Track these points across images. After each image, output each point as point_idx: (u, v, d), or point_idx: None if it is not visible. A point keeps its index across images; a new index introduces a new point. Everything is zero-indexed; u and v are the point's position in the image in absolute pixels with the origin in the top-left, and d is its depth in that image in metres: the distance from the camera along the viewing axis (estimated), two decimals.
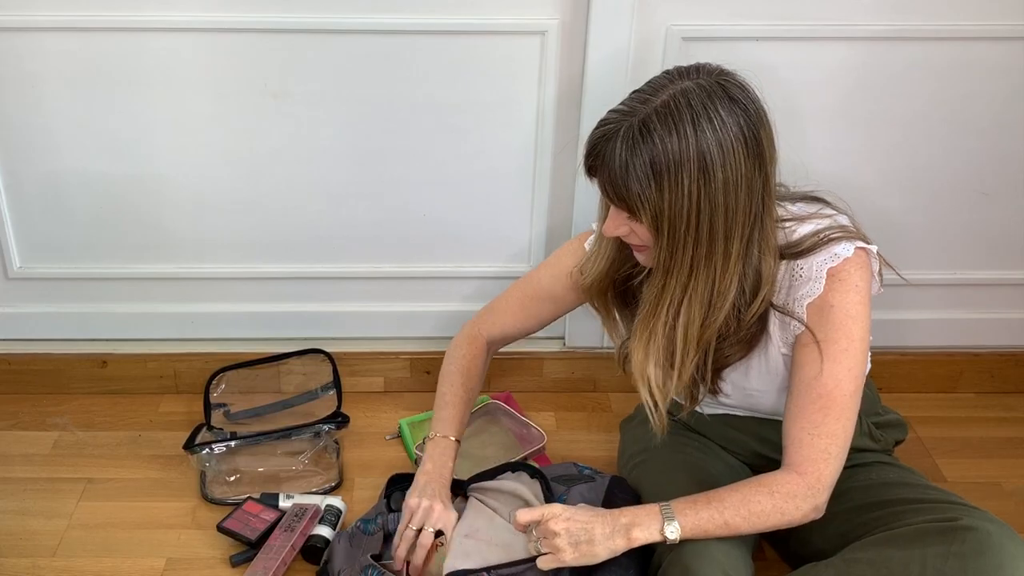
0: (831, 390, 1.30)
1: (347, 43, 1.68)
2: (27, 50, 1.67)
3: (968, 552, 1.22)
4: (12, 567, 1.59)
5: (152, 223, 1.84)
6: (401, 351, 1.98)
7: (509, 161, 1.80)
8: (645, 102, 1.23)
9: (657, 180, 1.21)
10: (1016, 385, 2.03)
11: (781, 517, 1.31)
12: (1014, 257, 1.92)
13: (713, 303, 1.29)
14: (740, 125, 1.22)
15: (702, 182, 1.21)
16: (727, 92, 1.22)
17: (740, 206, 1.24)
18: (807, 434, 1.31)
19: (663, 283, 1.30)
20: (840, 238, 1.32)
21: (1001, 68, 1.72)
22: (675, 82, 1.23)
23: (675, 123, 1.20)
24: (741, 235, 1.26)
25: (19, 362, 1.95)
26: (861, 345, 1.31)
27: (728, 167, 1.21)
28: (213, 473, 1.77)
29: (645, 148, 1.20)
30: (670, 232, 1.25)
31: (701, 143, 1.20)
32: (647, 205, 1.23)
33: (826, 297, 1.30)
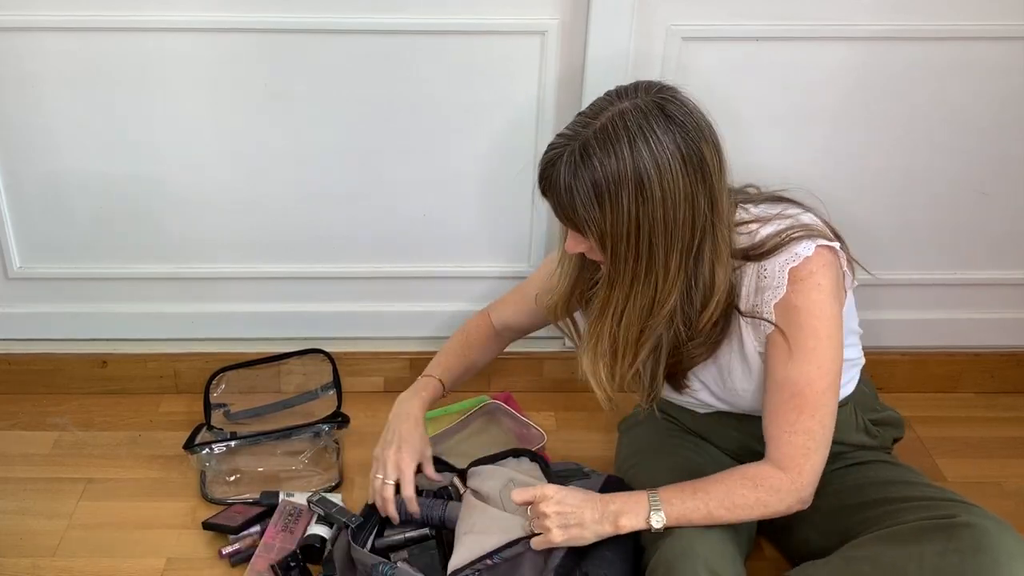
0: (803, 389, 1.33)
1: (347, 43, 1.68)
2: (27, 50, 1.67)
3: (966, 548, 1.23)
4: (12, 567, 1.59)
5: (152, 223, 1.84)
6: (401, 351, 1.98)
7: (509, 161, 1.80)
8: (586, 126, 1.26)
9: (599, 201, 1.25)
10: (1016, 385, 2.03)
11: (765, 509, 1.35)
12: (1014, 257, 1.92)
13: (653, 311, 1.33)
14: (677, 143, 1.24)
15: (640, 200, 1.24)
16: (663, 111, 1.25)
17: (681, 221, 1.26)
18: (784, 432, 1.34)
19: (608, 293, 1.35)
20: (801, 237, 1.33)
21: (1001, 68, 1.72)
22: (614, 104, 1.26)
23: (612, 145, 1.23)
24: (683, 248, 1.29)
25: (19, 362, 1.95)
26: (829, 342, 1.33)
27: (666, 184, 1.24)
28: (213, 473, 1.77)
29: (586, 172, 1.24)
30: (613, 248, 1.29)
31: (637, 163, 1.23)
32: (592, 225, 1.27)
33: (789, 298, 1.32)
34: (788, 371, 1.33)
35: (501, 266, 1.91)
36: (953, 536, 1.25)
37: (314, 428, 1.82)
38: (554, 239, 1.86)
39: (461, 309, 1.95)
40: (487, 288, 1.93)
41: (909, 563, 1.25)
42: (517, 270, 1.92)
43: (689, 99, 1.28)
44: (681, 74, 1.68)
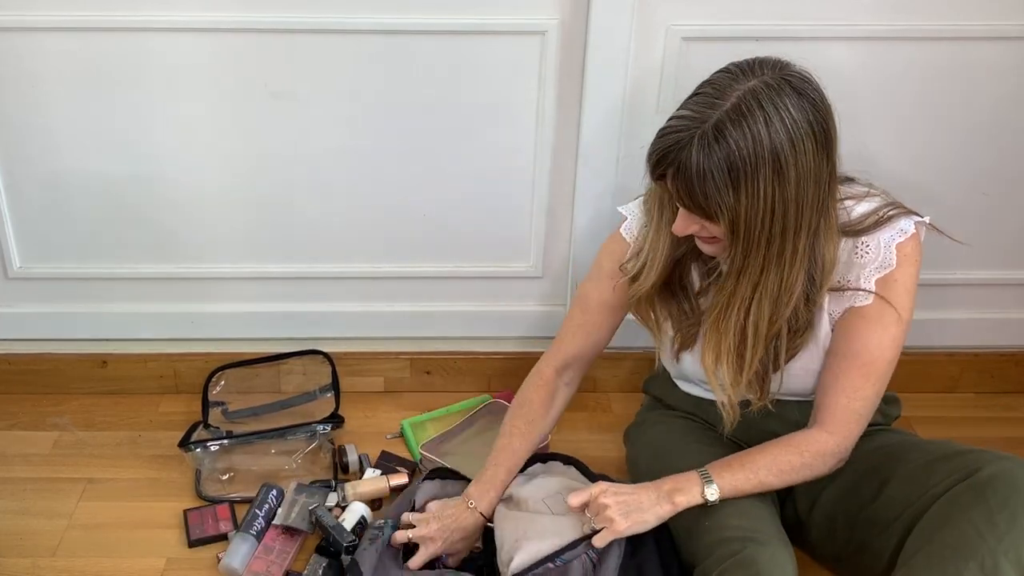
0: (876, 358, 1.37)
1: (347, 43, 1.68)
2: (27, 50, 1.67)
3: (1004, 499, 1.26)
4: (12, 567, 1.59)
5: (152, 223, 1.84)
6: (401, 351, 1.98)
7: (509, 161, 1.80)
8: (713, 106, 1.22)
9: (735, 184, 1.22)
10: (1016, 385, 2.03)
11: (810, 472, 1.40)
12: (1014, 257, 1.92)
13: (781, 298, 1.32)
14: (808, 118, 1.22)
15: (776, 182, 1.22)
16: (793, 86, 1.22)
17: (810, 199, 1.25)
18: (846, 398, 1.38)
19: (735, 285, 1.32)
20: (899, 215, 1.37)
21: (1001, 68, 1.72)
22: (739, 81, 1.23)
23: (748, 125, 1.20)
24: (809, 227, 1.28)
25: (19, 362, 1.95)
26: (908, 316, 1.38)
27: (800, 163, 1.22)
28: (208, 471, 1.77)
29: (721, 153, 1.20)
30: (746, 234, 1.26)
31: (775, 142, 1.20)
32: (725, 209, 1.24)
33: (894, 273, 1.35)
34: (868, 341, 1.36)
35: (501, 266, 1.91)
36: (988, 492, 1.27)
37: (309, 428, 1.82)
38: (554, 239, 1.87)
39: (461, 309, 1.95)
40: (487, 288, 1.93)
41: (971, 535, 1.26)
42: (517, 270, 1.92)
43: (808, 73, 1.26)
44: (681, 74, 1.68)
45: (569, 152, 1.78)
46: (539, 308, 1.97)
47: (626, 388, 1.98)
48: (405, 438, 1.87)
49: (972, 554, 1.25)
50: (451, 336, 1.98)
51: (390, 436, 1.89)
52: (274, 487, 1.67)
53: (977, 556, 1.25)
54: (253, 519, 1.61)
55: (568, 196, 1.82)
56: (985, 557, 1.24)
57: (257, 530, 1.60)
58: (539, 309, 1.97)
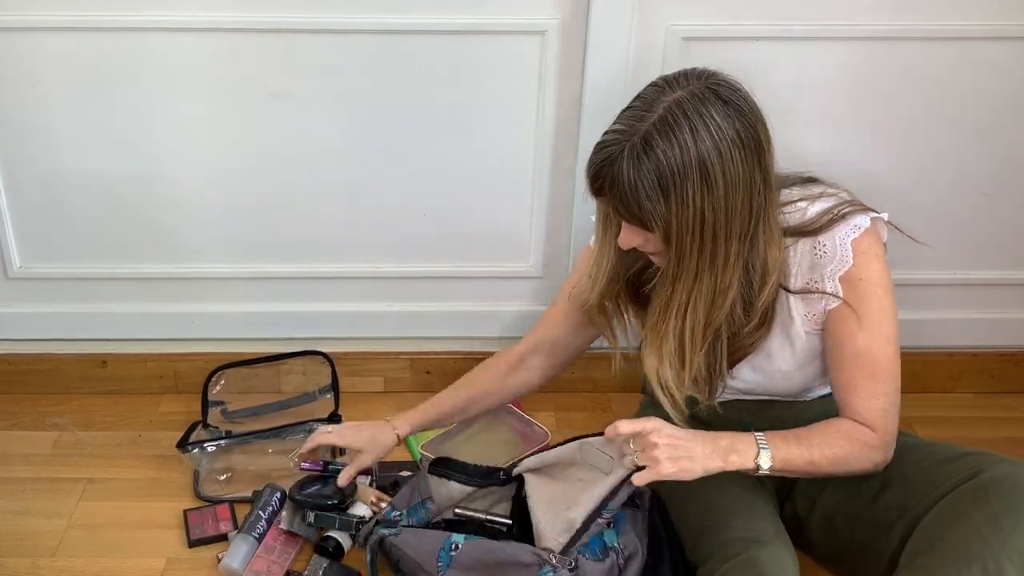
0: (876, 357, 1.37)
1: (347, 43, 1.68)
2: (27, 50, 1.67)
3: (1009, 502, 1.25)
4: (12, 567, 1.59)
5: (152, 223, 1.84)
6: (401, 351, 1.98)
7: (509, 161, 1.80)
8: (641, 119, 1.25)
9: (664, 194, 1.24)
10: (1016, 385, 2.03)
11: (857, 464, 1.38)
12: (1014, 257, 1.92)
13: (715, 302, 1.33)
14: (735, 127, 1.24)
15: (705, 190, 1.24)
16: (719, 95, 1.24)
17: (740, 206, 1.27)
18: (863, 400, 1.38)
19: (671, 290, 1.34)
20: (854, 211, 1.37)
21: (1001, 68, 1.72)
22: (666, 93, 1.25)
23: (674, 135, 1.22)
24: (742, 233, 1.29)
25: (19, 362, 1.95)
26: (891, 309, 1.38)
27: (727, 170, 1.24)
28: (206, 472, 1.77)
29: (650, 164, 1.23)
30: (678, 241, 1.28)
31: (701, 151, 1.22)
32: (658, 219, 1.26)
33: (854, 271, 1.35)
34: (858, 342, 1.36)
35: (501, 266, 1.91)
36: (991, 495, 1.27)
37: (306, 427, 1.82)
38: (554, 239, 1.87)
39: (461, 309, 1.95)
40: (487, 288, 1.93)
41: (974, 537, 1.25)
42: (517, 270, 1.92)
43: (736, 81, 1.28)
44: None
45: (569, 152, 1.78)
46: (539, 308, 1.96)
47: (626, 388, 1.98)
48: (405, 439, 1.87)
49: (975, 557, 1.24)
50: (451, 336, 1.98)
51: None
52: (278, 489, 1.67)
53: (980, 559, 1.24)
54: (256, 521, 1.61)
55: (568, 196, 1.82)
56: (988, 560, 1.24)
57: (259, 532, 1.60)
58: (539, 309, 1.96)
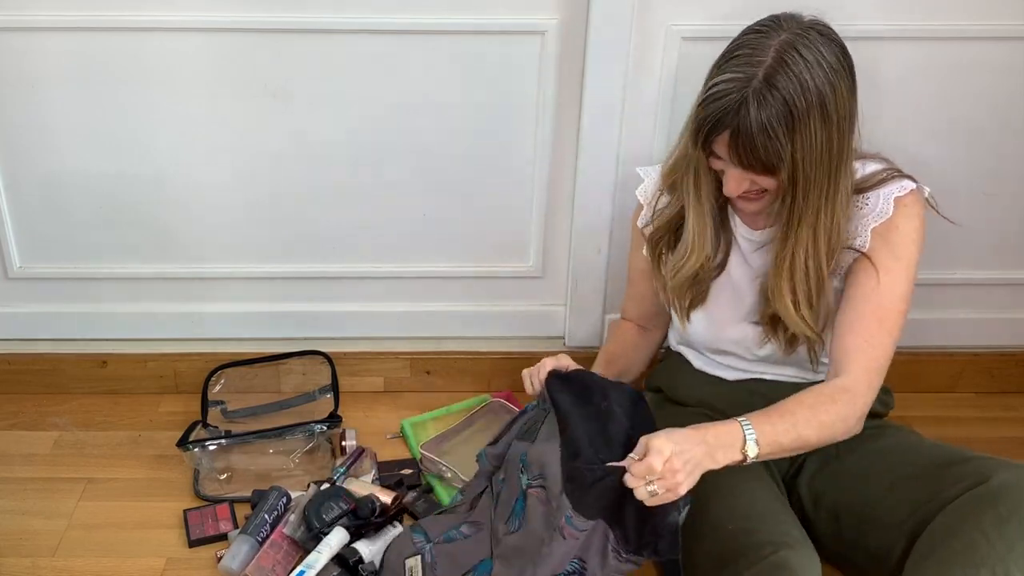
0: (887, 303, 1.39)
1: (347, 43, 1.68)
2: (27, 50, 1.67)
3: (1014, 508, 1.26)
4: (12, 567, 1.59)
5: (152, 223, 1.84)
6: (401, 351, 1.98)
7: (509, 161, 1.80)
8: (756, 64, 1.27)
9: (791, 132, 1.27)
10: (1016, 385, 2.03)
11: (843, 425, 1.36)
12: (1014, 257, 1.92)
13: (833, 234, 1.38)
14: (839, 60, 1.29)
15: (823, 124, 1.28)
16: (819, 32, 1.30)
17: (848, 135, 1.32)
18: (863, 343, 1.39)
19: (796, 235, 1.37)
20: (902, 176, 1.43)
21: (1001, 68, 1.72)
22: (771, 37, 1.29)
23: (794, 73, 1.26)
24: (848, 165, 1.35)
25: (19, 362, 1.95)
26: (911, 270, 1.41)
27: (839, 103, 1.29)
28: (206, 471, 1.77)
29: (776, 104, 1.26)
30: (804, 179, 1.31)
31: (819, 86, 1.27)
32: (785, 159, 1.29)
33: (893, 220, 1.39)
34: (876, 284, 1.39)
35: (501, 266, 1.91)
36: (998, 501, 1.27)
37: (307, 427, 1.82)
38: (554, 239, 1.87)
39: (461, 309, 1.95)
40: (487, 288, 1.93)
41: (981, 543, 1.25)
42: (517, 270, 1.92)
43: (822, 19, 1.33)
44: (681, 74, 1.68)
45: (569, 152, 1.78)
46: (539, 308, 1.97)
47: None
48: (405, 438, 1.87)
49: (982, 562, 1.25)
50: (451, 336, 1.98)
51: (390, 436, 1.89)
52: (285, 493, 1.67)
53: (988, 564, 1.24)
54: (261, 524, 1.60)
55: (568, 196, 1.82)
56: (996, 565, 1.24)
57: (262, 536, 1.59)
58: (539, 309, 1.97)
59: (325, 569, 1.53)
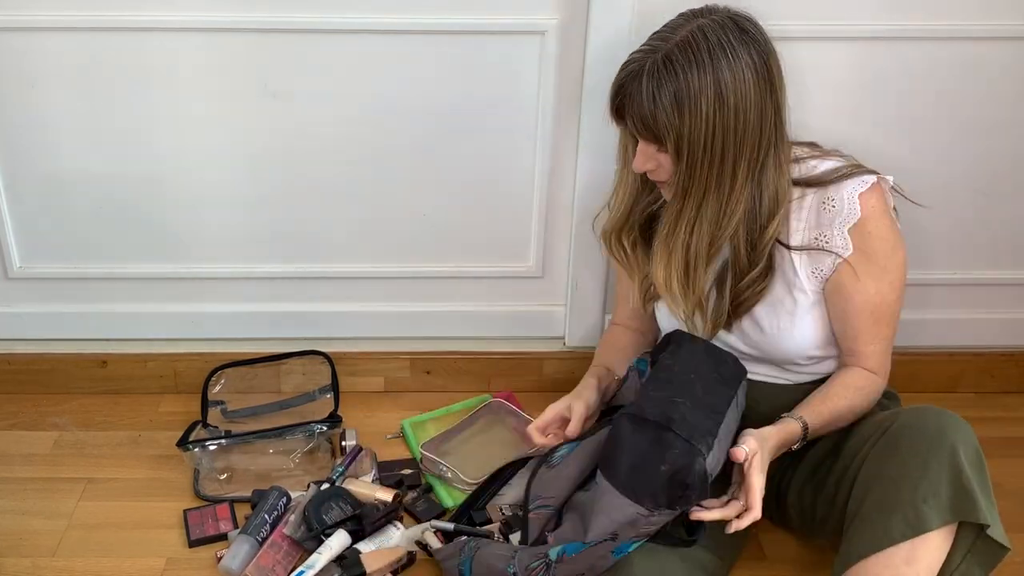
0: (880, 305, 1.46)
1: (347, 43, 1.68)
2: (27, 50, 1.67)
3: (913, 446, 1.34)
4: (12, 567, 1.59)
5: (152, 223, 1.84)
6: (401, 351, 1.98)
7: (509, 161, 1.80)
8: (666, 40, 1.35)
9: (679, 108, 1.33)
10: (1016, 385, 2.03)
11: (867, 406, 1.50)
12: (1014, 257, 1.92)
13: (720, 221, 1.41)
14: (751, 55, 1.34)
15: (717, 106, 1.33)
16: (739, 25, 1.35)
17: (750, 129, 1.36)
18: (870, 344, 1.48)
19: (680, 205, 1.42)
20: (862, 171, 1.45)
21: (1001, 68, 1.72)
22: (691, 21, 1.36)
23: (693, 55, 1.32)
24: (751, 157, 1.38)
25: (19, 362, 1.95)
26: (897, 260, 1.46)
27: (739, 91, 1.33)
28: (206, 471, 1.77)
29: (669, 80, 1.33)
30: (689, 155, 1.36)
31: (716, 72, 1.32)
32: (671, 132, 1.35)
33: (863, 223, 1.42)
34: (867, 292, 1.44)
35: (501, 266, 1.91)
36: (900, 443, 1.35)
37: (307, 428, 1.82)
38: (553, 239, 1.87)
39: (461, 309, 1.95)
40: (487, 288, 1.93)
41: (890, 490, 1.32)
42: (517, 270, 1.92)
43: (757, 19, 1.38)
44: None
45: (569, 152, 1.78)
46: (539, 308, 1.97)
47: None
48: (405, 438, 1.87)
49: (895, 508, 1.29)
50: (451, 336, 1.98)
51: (390, 436, 1.89)
52: (285, 493, 1.67)
53: (900, 509, 1.29)
54: (261, 524, 1.60)
55: (568, 196, 1.82)
56: (907, 508, 1.28)
57: (262, 536, 1.59)
58: (539, 309, 1.97)
59: (325, 570, 1.53)
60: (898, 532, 1.28)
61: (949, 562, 1.30)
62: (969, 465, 1.29)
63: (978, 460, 1.31)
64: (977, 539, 1.30)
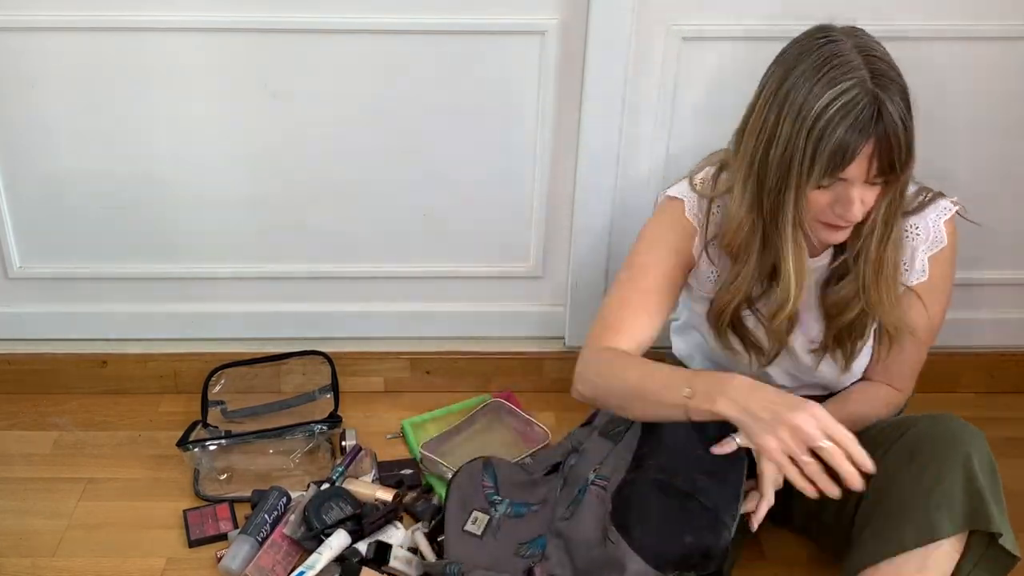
0: (935, 327, 1.47)
1: (347, 43, 1.68)
2: (27, 50, 1.67)
3: (927, 454, 1.33)
4: (12, 567, 1.59)
5: (152, 223, 1.84)
6: (401, 351, 1.98)
7: (509, 161, 1.80)
8: (852, 68, 1.21)
9: (911, 118, 1.24)
10: (1016, 385, 2.03)
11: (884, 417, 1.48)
12: (1014, 257, 1.92)
13: (900, 241, 1.38)
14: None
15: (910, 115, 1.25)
16: (862, 29, 1.29)
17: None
18: (908, 364, 1.48)
19: (890, 231, 1.34)
20: (938, 195, 1.42)
21: (1001, 68, 1.72)
22: (842, 43, 1.24)
23: (887, 63, 1.24)
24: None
25: (19, 362, 1.95)
26: (951, 285, 1.46)
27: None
28: (206, 471, 1.77)
29: (898, 93, 1.22)
30: (908, 175, 1.29)
31: (899, 73, 1.25)
32: (913, 153, 1.26)
33: (946, 251, 1.41)
34: (927, 316, 1.43)
35: (501, 266, 1.91)
36: (913, 452, 1.33)
37: (307, 428, 1.82)
38: (554, 239, 1.87)
39: (461, 309, 1.95)
40: (487, 288, 1.93)
41: (904, 498, 1.30)
42: (517, 270, 1.92)
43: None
44: (681, 74, 1.68)
45: (569, 152, 1.78)
46: (539, 308, 1.97)
47: None
48: (405, 438, 1.87)
49: (908, 517, 1.28)
50: (451, 336, 1.98)
51: (390, 436, 1.89)
52: (285, 493, 1.67)
53: (913, 518, 1.27)
54: (261, 524, 1.60)
55: (568, 196, 1.82)
56: (920, 516, 1.27)
57: (263, 536, 1.59)
58: (539, 309, 1.97)
59: (325, 570, 1.53)
60: (910, 539, 1.27)
61: (959, 570, 1.28)
62: (983, 474, 1.27)
63: (991, 469, 1.30)
64: (988, 548, 1.28)
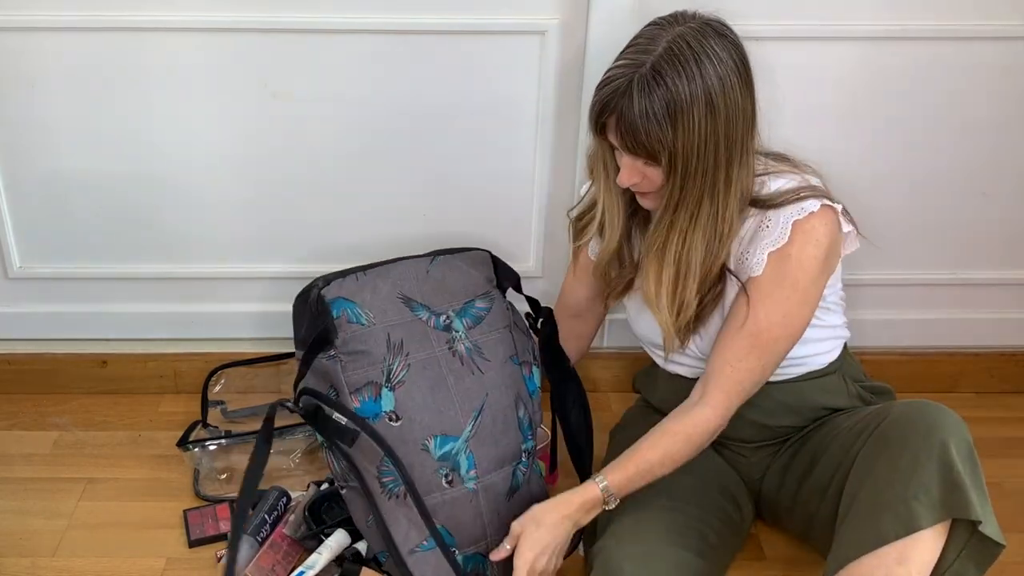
0: (762, 331, 1.38)
1: (347, 43, 1.68)
2: (27, 50, 1.67)
3: (903, 441, 1.31)
4: (12, 567, 1.59)
5: (152, 223, 1.84)
6: None
7: (509, 161, 1.80)
8: (647, 52, 1.31)
9: (672, 120, 1.29)
10: (1016, 385, 2.03)
11: (696, 451, 1.41)
12: (1014, 257, 1.92)
13: (717, 229, 1.37)
14: (732, 57, 1.32)
15: (709, 115, 1.30)
16: (714, 30, 1.32)
17: (739, 134, 1.33)
18: (729, 364, 1.40)
19: (672, 218, 1.38)
20: (809, 196, 1.38)
21: (1001, 68, 1.72)
22: (667, 30, 1.32)
23: (681, 65, 1.29)
24: (739, 161, 1.35)
25: (19, 362, 1.95)
26: (803, 296, 1.39)
27: (728, 99, 1.31)
28: (206, 471, 1.77)
29: (659, 92, 1.29)
30: (683, 168, 1.32)
31: (706, 80, 1.29)
32: (664, 146, 1.31)
33: (786, 248, 1.37)
34: (757, 311, 1.38)
35: None
36: (890, 439, 1.32)
37: (307, 428, 1.82)
38: (554, 239, 1.87)
39: None
40: None
41: (881, 487, 1.30)
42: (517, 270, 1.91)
43: (724, 19, 1.36)
44: None
45: (569, 152, 1.78)
46: None
47: (626, 388, 1.98)
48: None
49: (886, 506, 1.28)
50: None
51: None
52: (285, 493, 1.67)
53: (891, 507, 1.27)
54: (261, 524, 1.60)
55: (568, 196, 1.82)
56: (898, 506, 1.26)
57: (262, 536, 1.59)
58: None
59: (325, 570, 1.53)
60: (889, 531, 1.26)
61: (943, 560, 1.27)
62: (961, 460, 1.26)
63: (970, 455, 1.28)
64: (971, 536, 1.27)
